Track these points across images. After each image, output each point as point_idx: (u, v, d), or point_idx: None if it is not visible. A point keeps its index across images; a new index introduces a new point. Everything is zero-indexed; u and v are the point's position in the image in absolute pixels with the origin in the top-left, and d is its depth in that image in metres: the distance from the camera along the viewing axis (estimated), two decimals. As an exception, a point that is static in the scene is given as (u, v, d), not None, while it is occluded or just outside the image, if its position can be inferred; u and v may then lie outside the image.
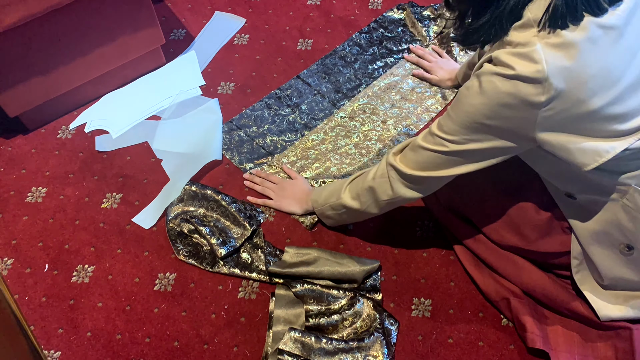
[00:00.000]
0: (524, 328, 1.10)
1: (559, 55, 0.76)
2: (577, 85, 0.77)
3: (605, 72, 0.78)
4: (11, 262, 1.28)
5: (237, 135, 1.47)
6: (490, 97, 0.82)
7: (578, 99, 0.78)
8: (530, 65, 0.76)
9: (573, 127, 0.82)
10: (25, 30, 1.25)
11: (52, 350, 1.17)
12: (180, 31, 1.70)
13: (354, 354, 1.09)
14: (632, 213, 0.91)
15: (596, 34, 0.76)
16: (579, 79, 0.77)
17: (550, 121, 0.81)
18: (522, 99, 0.79)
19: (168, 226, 1.30)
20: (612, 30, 0.77)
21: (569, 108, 0.79)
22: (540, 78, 0.76)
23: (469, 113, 0.86)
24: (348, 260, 1.21)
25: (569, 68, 0.76)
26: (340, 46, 1.64)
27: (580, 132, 0.83)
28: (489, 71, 0.81)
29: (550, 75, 0.76)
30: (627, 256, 0.97)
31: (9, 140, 1.48)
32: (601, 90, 0.78)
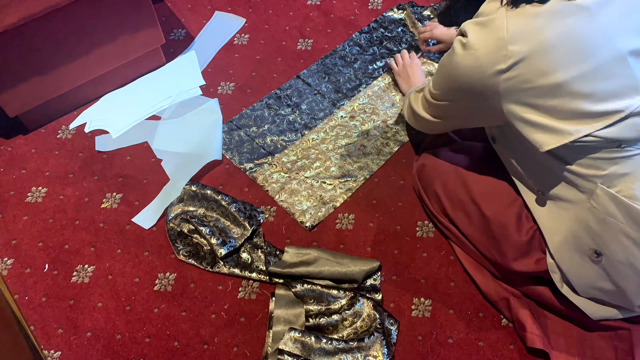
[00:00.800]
0: (524, 328, 1.10)
1: (521, 22, 0.79)
2: (539, 53, 0.79)
3: (571, 45, 0.79)
4: (11, 262, 1.28)
5: (237, 135, 1.47)
6: (457, 65, 0.88)
7: (541, 70, 0.79)
8: (491, 33, 0.80)
9: (538, 102, 0.83)
10: (25, 30, 1.25)
11: (52, 350, 1.17)
12: (180, 31, 1.70)
13: (354, 354, 1.09)
14: (599, 215, 0.89)
15: (561, 8, 0.79)
16: (541, 46, 0.78)
17: (514, 91, 0.83)
18: (481, 68, 0.84)
19: (168, 226, 1.30)
20: (581, 8, 0.79)
21: (532, 78, 0.81)
22: (500, 45, 0.79)
23: (443, 79, 0.95)
24: (348, 260, 1.21)
25: (530, 33, 0.79)
26: (340, 46, 1.64)
27: (546, 111, 0.83)
28: (457, 41, 0.87)
29: (511, 42, 0.79)
30: (597, 263, 0.94)
31: (9, 140, 1.48)
32: (566, 63, 0.79)
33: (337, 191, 1.36)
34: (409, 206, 1.33)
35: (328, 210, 1.33)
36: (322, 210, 1.33)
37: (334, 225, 1.31)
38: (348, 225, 1.31)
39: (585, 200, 0.91)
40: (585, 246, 0.94)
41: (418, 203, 1.33)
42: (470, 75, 0.86)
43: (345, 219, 1.32)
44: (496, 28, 0.80)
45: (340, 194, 1.35)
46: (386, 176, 1.38)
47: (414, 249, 1.27)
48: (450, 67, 0.90)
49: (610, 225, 0.88)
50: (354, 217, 1.32)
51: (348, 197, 1.35)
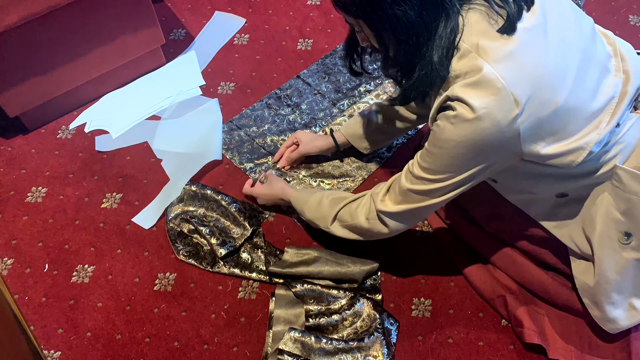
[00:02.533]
0: (521, 324, 1.10)
1: (507, 67, 0.79)
2: (536, 86, 0.80)
3: (551, 68, 0.81)
4: (11, 262, 1.28)
5: (237, 135, 1.47)
6: (473, 132, 0.82)
7: (545, 100, 0.81)
8: (490, 88, 0.78)
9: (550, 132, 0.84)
10: (25, 30, 1.25)
11: (52, 350, 1.17)
12: (180, 31, 1.70)
13: (354, 354, 1.09)
14: (623, 195, 0.91)
15: (525, 37, 0.80)
16: (535, 79, 0.80)
17: (531, 129, 0.82)
18: (500, 124, 0.80)
19: (168, 226, 1.30)
20: (536, 29, 0.81)
21: (540, 111, 0.81)
22: (505, 94, 0.78)
23: (451, 151, 0.85)
24: (348, 260, 1.21)
25: (520, 73, 0.79)
26: (340, 46, 1.64)
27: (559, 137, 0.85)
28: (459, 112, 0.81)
29: (512, 87, 0.78)
30: (627, 246, 0.95)
31: (9, 140, 1.48)
32: (557, 85, 0.81)
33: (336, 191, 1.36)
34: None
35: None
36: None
37: (334, 225, 1.31)
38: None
39: (607, 182, 0.93)
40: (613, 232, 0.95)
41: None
42: (489, 134, 0.81)
43: (345, 219, 1.32)
44: (492, 81, 0.78)
45: (340, 194, 1.35)
46: (386, 176, 1.38)
47: (414, 249, 1.27)
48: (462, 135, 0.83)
49: (634, 203, 0.91)
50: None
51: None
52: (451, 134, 0.84)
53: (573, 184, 0.95)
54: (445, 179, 0.90)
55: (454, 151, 0.85)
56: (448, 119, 0.83)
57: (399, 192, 0.97)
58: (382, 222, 1.02)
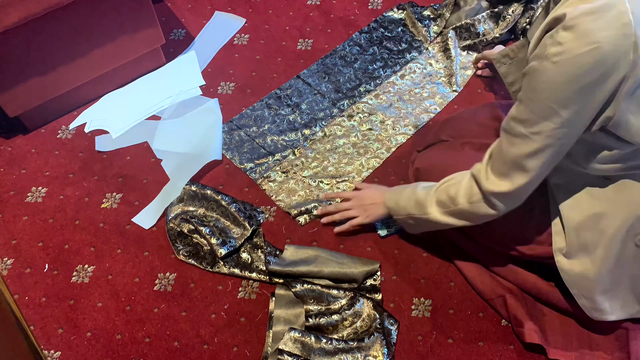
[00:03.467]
0: (521, 324, 1.10)
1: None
2: None
3: None
4: (11, 262, 1.28)
5: (237, 135, 1.47)
6: (574, 69, 0.71)
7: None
8: (614, 21, 0.67)
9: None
10: (25, 30, 1.25)
11: (52, 350, 1.17)
12: (180, 31, 1.70)
13: (354, 354, 1.09)
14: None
15: None
16: None
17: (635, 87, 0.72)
18: (609, 62, 0.69)
19: (168, 226, 1.30)
20: None
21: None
22: (627, 33, 0.67)
23: (550, 92, 0.74)
24: (348, 260, 1.22)
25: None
26: (340, 46, 1.64)
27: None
28: (564, 40, 0.70)
29: (638, 28, 0.67)
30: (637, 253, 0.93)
31: (9, 140, 1.48)
32: None
33: (334, 191, 1.36)
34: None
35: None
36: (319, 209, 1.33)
37: (334, 225, 1.31)
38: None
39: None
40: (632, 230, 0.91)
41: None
42: (595, 71, 0.70)
43: (345, 219, 1.32)
44: (618, 13, 0.66)
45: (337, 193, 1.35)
46: (386, 176, 1.38)
47: (414, 249, 1.27)
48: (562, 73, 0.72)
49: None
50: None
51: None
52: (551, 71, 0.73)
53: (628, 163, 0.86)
54: (547, 128, 0.77)
55: (553, 92, 0.74)
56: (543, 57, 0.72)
57: (502, 160, 0.86)
58: (490, 204, 0.92)
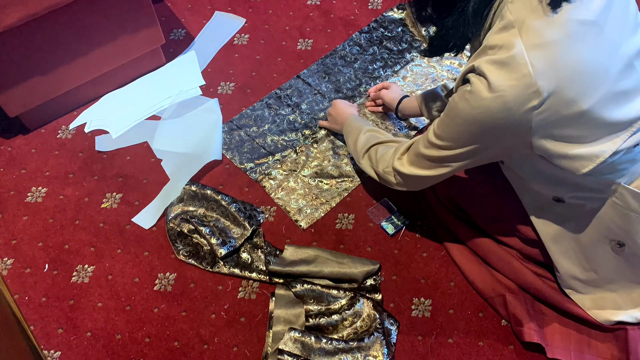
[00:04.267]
0: (520, 323, 1.11)
1: (542, 56, 0.75)
2: (565, 84, 0.76)
3: (590, 70, 0.77)
4: (11, 262, 1.28)
5: (237, 135, 1.47)
6: (482, 111, 0.80)
7: (569, 100, 0.77)
8: (515, 72, 0.75)
9: (565, 132, 0.81)
10: (25, 30, 1.25)
11: (52, 350, 1.17)
12: (180, 31, 1.70)
13: (354, 354, 1.09)
14: (622, 211, 0.92)
15: (577, 30, 0.76)
16: (566, 77, 0.76)
17: (545, 125, 0.79)
18: (511, 110, 0.78)
19: (168, 226, 1.30)
20: (592, 25, 0.76)
21: (561, 109, 0.78)
22: (528, 83, 0.75)
23: (462, 124, 0.85)
24: (348, 260, 1.22)
25: (554, 65, 0.75)
26: (340, 46, 1.64)
27: (574, 139, 0.82)
28: (476, 86, 0.79)
29: (538, 77, 0.75)
30: (619, 252, 0.98)
31: (9, 140, 1.48)
32: (589, 89, 0.77)
33: (334, 191, 1.36)
34: (409, 206, 1.33)
35: (324, 209, 1.33)
36: (318, 210, 1.33)
37: (334, 225, 1.31)
38: (348, 225, 1.31)
39: (607, 198, 0.93)
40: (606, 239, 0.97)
41: (418, 203, 1.33)
42: (499, 117, 0.79)
43: (345, 219, 1.32)
44: (519, 65, 0.75)
45: (337, 193, 1.35)
46: (386, 176, 1.38)
47: (414, 249, 1.27)
48: (471, 112, 0.82)
49: (632, 219, 0.91)
50: (354, 217, 1.32)
51: (344, 197, 1.35)
52: (462, 109, 0.83)
53: (572, 192, 0.95)
54: (451, 147, 0.91)
55: (462, 126, 0.85)
56: (463, 93, 0.82)
57: (414, 153, 1.01)
58: (394, 175, 1.08)
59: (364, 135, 1.20)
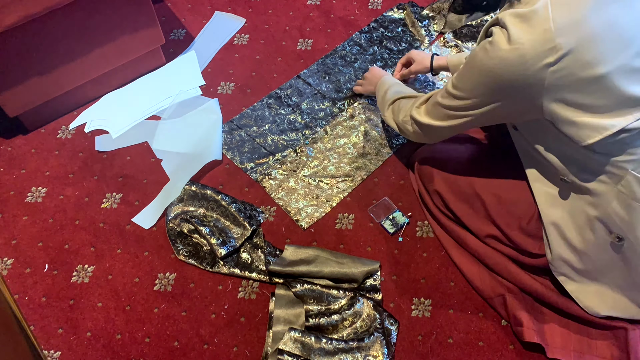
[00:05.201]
0: (520, 323, 1.11)
1: (566, 12, 0.74)
2: (585, 44, 0.75)
3: (613, 36, 0.75)
4: (11, 262, 1.28)
5: (237, 135, 1.47)
6: (498, 62, 0.81)
7: (586, 62, 0.76)
8: (536, 26, 0.75)
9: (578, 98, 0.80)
10: (25, 30, 1.25)
11: (52, 350, 1.17)
12: (180, 31, 1.70)
13: (354, 354, 1.09)
14: (627, 200, 0.90)
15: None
16: (587, 37, 0.75)
17: (558, 85, 0.79)
18: (530, 64, 0.78)
19: (168, 226, 1.30)
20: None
21: (577, 71, 0.77)
22: (547, 38, 0.75)
23: (478, 75, 0.87)
24: (348, 260, 1.22)
25: (576, 24, 0.74)
26: (340, 46, 1.64)
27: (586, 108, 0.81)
28: (495, 38, 0.81)
29: (558, 34, 0.74)
30: (617, 248, 0.96)
31: (9, 140, 1.48)
32: (609, 54, 0.76)
33: (334, 191, 1.36)
34: (408, 206, 1.33)
35: (325, 209, 1.33)
36: (319, 210, 1.33)
37: (334, 225, 1.31)
38: (348, 225, 1.31)
39: (613, 185, 0.91)
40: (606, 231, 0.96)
41: (418, 203, 1.33)
42: (514, 71, 0.80)
43: (345, 219, 1.32)
44: (541, 20, 0.75)
45: (336, 193, 1.35)
46: (386, 176, 1.38)
47: (414, 249, 1.27)
48: (488, 63, 0.83)
49: (636, 210, 0.90)
50: (354, 217, 1.32)
51: (344, 197, 1.35)
52: (480, 59, 0.84)
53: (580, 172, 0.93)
54: (465, 98, 0.92)
55: (478, 77, 0.87)
56: (484, 44, 0.83)
57: (431, 102, 1.03)
58: (411, 124, 1.12)
59: (392, 90, 1.26)
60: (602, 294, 1.05)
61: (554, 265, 1.07)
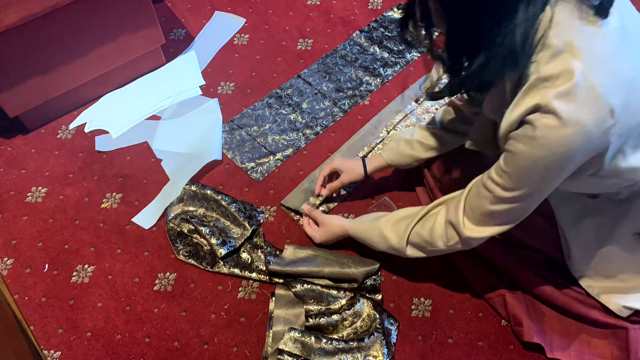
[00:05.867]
0: (520, 323, 1.11)
1: (603, 73, 0.72)
2: (631, 94, 0.74)
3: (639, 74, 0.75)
4: (11, 262, 1.28)
5: (238, 135, 1.47)
6: (565, 150, 0.75)
7: (636, 109, 0.75)
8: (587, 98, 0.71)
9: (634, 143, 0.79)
10: (25, 30, 1.25)
11: (52, 350, 1.17)
12: (180, 31, 1.70)
13: (354, 354, 1.09)
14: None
15: (616, 39, 0.74)
16: (630, 87, 0.74)
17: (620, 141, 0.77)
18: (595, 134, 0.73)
19: (168, 226, 1.30)
20: (623, 31, 0.75)
21: (632, 121, 0.75)
22: (601, 105, 0.72)
23: (544, 171, 0.79)
24: (348, 260, 1.21)
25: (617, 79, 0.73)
26: (340, 45, 1.64)
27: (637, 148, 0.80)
28: (547, 126, 0.74)
29: (608, 97, 0.72)
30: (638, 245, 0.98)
31: (9, 140, 1.48)
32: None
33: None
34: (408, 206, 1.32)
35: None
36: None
37: (334, 225, 1.31)
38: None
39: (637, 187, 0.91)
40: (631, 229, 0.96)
41: (418, 203, 1.32)
42: (582, 150, 0.75)
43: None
44: (588, 90, 0.71)
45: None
46: (386, 176, 1.38)
47: (414, 249, 1.27)
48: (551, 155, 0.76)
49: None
50: (354, 217, 1.32)
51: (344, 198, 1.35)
52: (538, 155, 0.77)
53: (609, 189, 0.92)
54: (528, 195, 0.84)
55: (543, 173, 0.79)
56: (534, 139, 0.75)
57: (481, 212, 0.91)
58: (467, 245, 0.98)
59: (391, 232, 1.07)
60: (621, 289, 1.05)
61: (574, 267, 1.07)
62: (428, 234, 1.01)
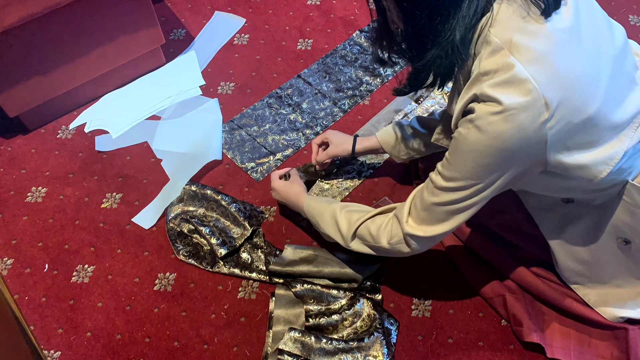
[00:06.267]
0: (520, 323, 1.11)
1: (541, 69, 0.74)
2: (569, 92, 0.76)
3: (586, 74, 0.78)
4: (11, 262, 1.28)
5: (238, 135, 1.47)
6: (495, 137, 0.77)
7: (576, 107, 0.77)
8: (521, 89, 0.74)
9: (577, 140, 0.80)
10: (25, 30, 1.25)
11: (52, 350, 1.17)
12: (180, 31, 1.70)
13: (354, 354, 1.09)
14: (630, 208, 0.92)
15: (562, 38, 0.76)
16: (568, 84, 0.76)
17: (558, 138, 0.78)
18: (526, 129, 0.76)
19: (168, 226, 1.30)
20: (572, 31, 0.77)
21: (571, 118, 0.77)
22: (536, 97, 0.74)
23: (479, 156, 0.81)
24: (348, 260, 1.21)
25: (554, 76, 0.75)
26: (340, 45, 1.64)
27: (584, 146, 0.82)
28: (483, 112, 0.77)
29: (544, 91, 0.74)
30: (625, 250, 0.98)
31: (9, 140, 1.48)
32: (590, 92, 0.78)
33: (334, 190, 1.36)
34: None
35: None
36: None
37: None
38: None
39: (616, 196, 0.92)
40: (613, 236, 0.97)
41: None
42: (514, 138, 0.77)
43: (345, 219, 1.32)
44: (523, 82, 0.73)
45: (337, 193, 1.35)
46: (386, 176, 1.38)
47: (414, 249, 1.27)
48: (485, 140, 0.78)
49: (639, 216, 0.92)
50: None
51: (344, 197, 1.35)
52: (474, 140, 0.79)
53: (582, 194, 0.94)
54: (468, 186, 0.85)
55: (478, 158, 0.81)
56: (469, 123, 0.79)
57: (422, 207, 0.92)
58: (407, 244, 0.97)
59: (343, 217, 1.06)
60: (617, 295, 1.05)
61: (564, 275, 1.08)
62: (376, 229, 1.01)
